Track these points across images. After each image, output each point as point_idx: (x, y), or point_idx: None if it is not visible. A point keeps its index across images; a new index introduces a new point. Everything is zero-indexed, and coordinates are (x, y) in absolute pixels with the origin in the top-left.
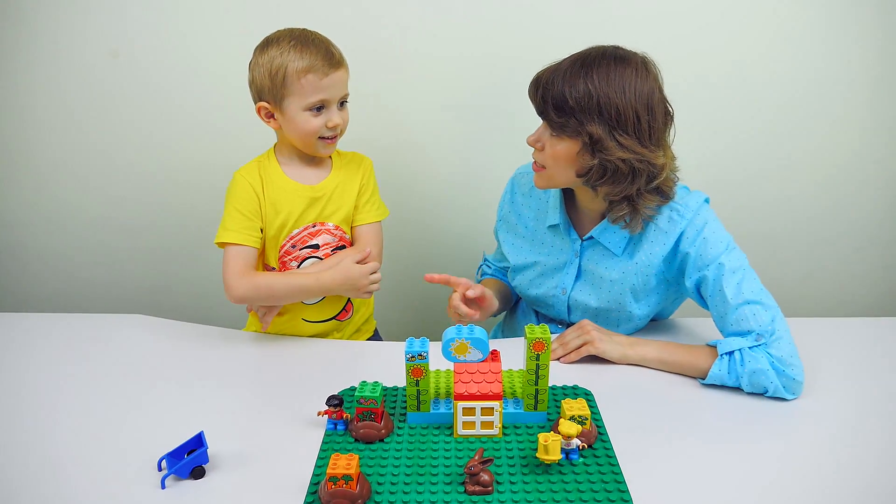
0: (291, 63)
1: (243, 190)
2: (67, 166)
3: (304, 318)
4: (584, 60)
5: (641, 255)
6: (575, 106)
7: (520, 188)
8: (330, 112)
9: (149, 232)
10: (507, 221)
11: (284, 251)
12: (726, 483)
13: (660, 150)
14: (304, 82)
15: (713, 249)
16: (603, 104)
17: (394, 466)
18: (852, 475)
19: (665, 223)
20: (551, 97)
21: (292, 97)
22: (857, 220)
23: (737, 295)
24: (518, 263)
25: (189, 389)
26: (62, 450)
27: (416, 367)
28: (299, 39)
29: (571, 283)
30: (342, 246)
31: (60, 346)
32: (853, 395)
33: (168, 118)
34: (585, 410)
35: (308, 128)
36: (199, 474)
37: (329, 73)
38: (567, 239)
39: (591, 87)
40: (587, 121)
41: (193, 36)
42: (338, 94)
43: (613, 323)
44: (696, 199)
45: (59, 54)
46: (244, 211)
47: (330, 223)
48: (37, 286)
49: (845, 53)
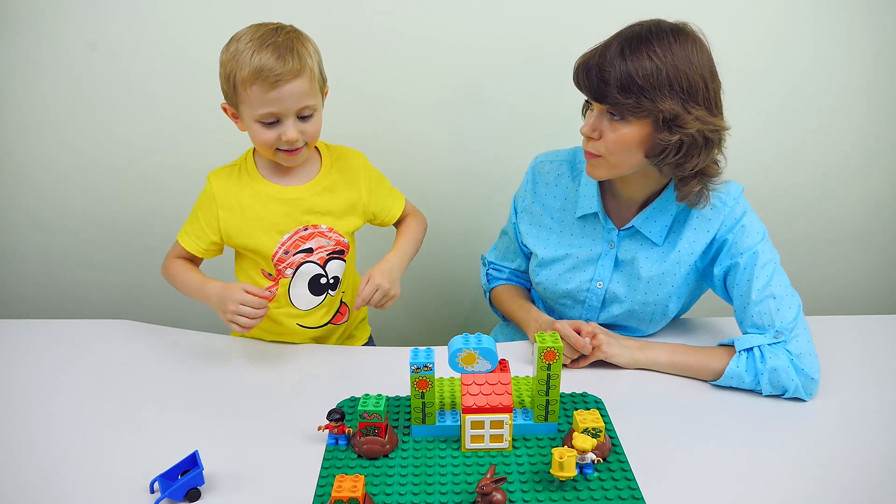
0: (240, 70)
1: (206, 199)
2: (47, 165)
3: (299, 324)
4: (639, 37)
5: (683, 243)
6: (644, 84)
7: (542, 177)
8: (284, 125)
9: (133, 232)
10: (530, 213)
11: (278, 258)
12: (747, 491)
13: (721, 115)
14: (249, 93)
15: (749, 239)
16: (673, 78)
17: (400, 485)
18: (873, 476)
19: (708, 210)
20: (615, 79)
21: (243, 105)
22: (856, 216)
23: (765, 287)
24: (546, 257)
25: (180, 402)
26: (46, 471)
27: (422, 380)
28: (258, 41)
29: (609, 275)
30: (340, 250)
31: (43, 355)
32: (869, 396)
33: (150, 114)
34: (599, 422)
35: (261, 140)
36: (194, 497)
37: (277, 86)
38: (601, 229)
39: (658, 61)
40: (659, 97)
41: (175, 27)
42: (291, 108)
43: (647, 318)
44: (735, 186)
45: (34, 47)
46: (201, 217)
47: (323, 225)
48: (20, 290)
49: (843, 46)
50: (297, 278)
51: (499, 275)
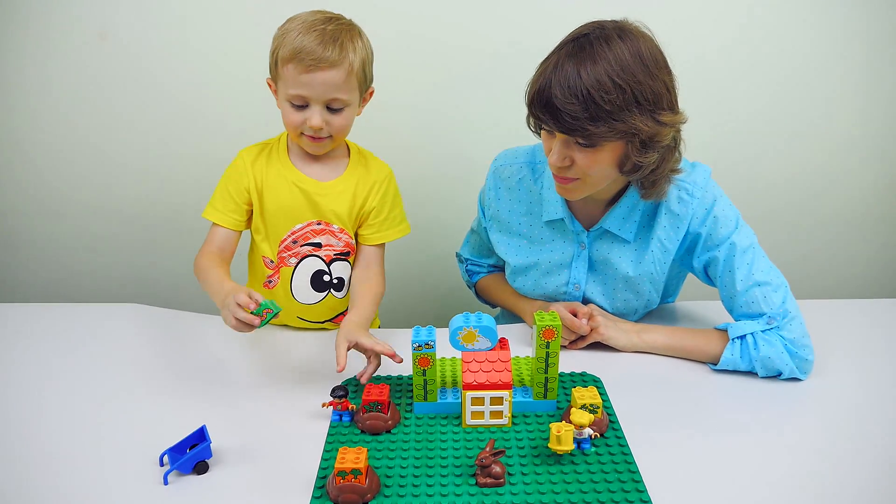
0: (283, 47)
1: (235, 169)
2: (57, 153)
3: (300, 317)
4: (587, 51)
5: (656, 240)
6: (612, 108)
7: (504, 182)
8: (311, 111)
9: (141, 220)
10: (498, 221)
11: (284, 246)
12: (741, 469)
13: (678, 108)
14: (285, 71)
15: (724, 229)
16: (638, 92)
17: (402, 458)
18: (869, 457)
19: (675, 204)
20: (584, 110)
21: (280, 82)
22: (858, 202)
23: (747, 277)
24: (519, 265)
25: (188, 381)
26: (60, 445)
27: (423, 357)
28: (310, 24)
29: (584, 278)
30: (347, 252)
31: (55, 338)
32: (863, 377)
33: (160, 103)
34: (597, 399)
35: (287, 120)
36: (202, 469)
37: (311, 70)
38: (570, 231)
39: (617, 78)
40: (629, 117)
41: (186, 17)
42: (321, 95)
43: (630, 312)
44: (701, 174)
45: (44, 37)
46: (231, 190)
47: (335, 225)
48: (29, 276)
49: (845, 30)
50: (299, 270)
51: (479, 269)
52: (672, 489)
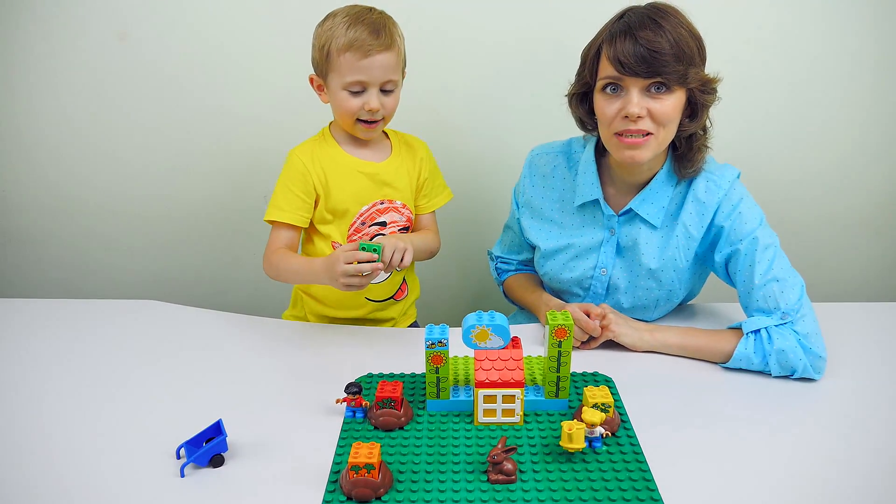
0: (335, 39)
1: (294, 167)
2: (76, 151)
3: (367, 297)
4: (655, 13)
5: (681, 227)
6: (691, 53)
7: (538, 170)
8: (368, 95)
9: (159, 218)
10: (530, 207)
11: (354, 229)
12: (752, 469)
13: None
14: (342, 60)
15: (748, 224)
16: (700, 49)
17: (414, 455)
18: (883, 458)
19: (702, 192)
20: (668, 48)
21: (333, 73)
22: (867, 205)
23: (767, 271)
24: (549, 248)
25: (204, 376)
26: (78, 438)
27: (436, 355)
28: (354, 16)
29: (611, 262)
30: (407, 226)
31: (74, 333)
32: (875, 379)
33: (179, 103)
34: (608, 398)
35: (345, 107)
36: (218, 462)
37: (369, 55)
38: (601, 216)
39: (688, 33)
40: (699, 66)
41: (205, 17)
42: (378, 78)
43: (652, 305)
44: (730, 171)
45: (64, 37)
46: (294, 188)
47: (398, 201)
48: (50, 272)
49: (856, 31)
50: None
51: (507, 267)
52: (683, 488)
